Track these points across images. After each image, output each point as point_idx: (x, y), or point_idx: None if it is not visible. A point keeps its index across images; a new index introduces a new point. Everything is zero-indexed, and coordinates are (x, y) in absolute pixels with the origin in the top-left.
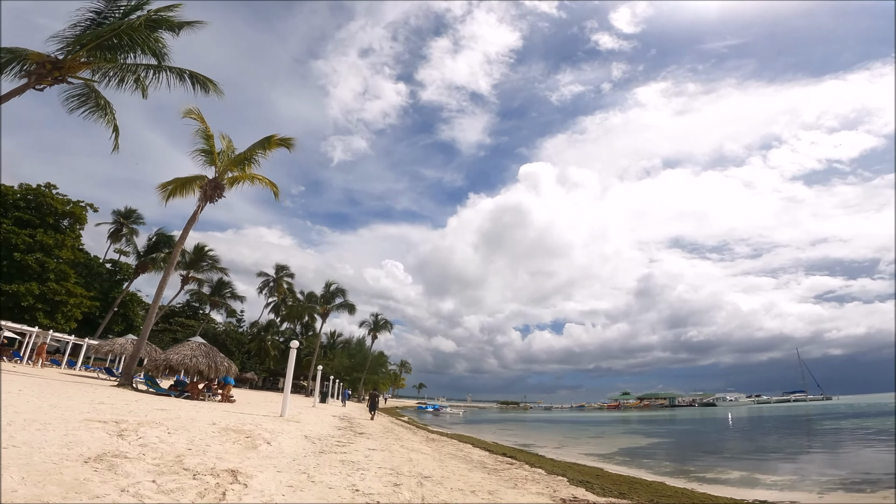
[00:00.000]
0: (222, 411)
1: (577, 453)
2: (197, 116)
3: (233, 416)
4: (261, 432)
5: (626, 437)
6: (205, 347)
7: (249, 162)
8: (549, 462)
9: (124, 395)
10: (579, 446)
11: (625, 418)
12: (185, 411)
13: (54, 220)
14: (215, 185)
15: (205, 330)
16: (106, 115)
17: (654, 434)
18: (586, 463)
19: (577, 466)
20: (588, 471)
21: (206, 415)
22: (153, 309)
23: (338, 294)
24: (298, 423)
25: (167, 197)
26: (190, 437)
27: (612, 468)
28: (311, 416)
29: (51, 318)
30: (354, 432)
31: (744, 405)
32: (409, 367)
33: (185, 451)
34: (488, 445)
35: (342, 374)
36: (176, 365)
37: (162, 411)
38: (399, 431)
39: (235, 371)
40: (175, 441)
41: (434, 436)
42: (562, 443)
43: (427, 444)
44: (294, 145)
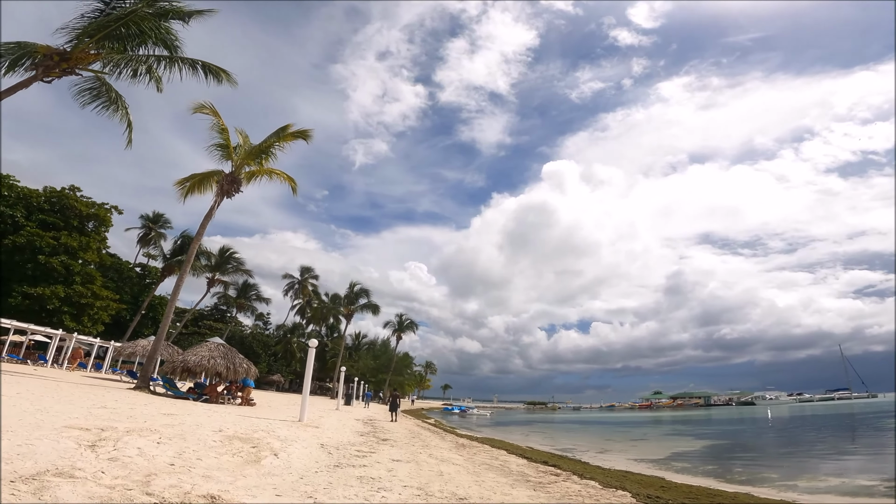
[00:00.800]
0: (237, 416)
1: (626, 459)
2: (210, 111)
3: (245, 422)
4: (271, 441)
5: (674, 440)
6: (223, 348)
7: (267, 155)
8: (599, 471)
9: (136, 399)
10: (625, 451)
11: (661, 418)
12: (193, 416)
13: (79, 222)
14: (232, 180)
15: (232, 332)
16: (119, 110)
17: (703, 435)
18: (642, 471)
19: (634, 476)
20: (649, 481)
21: (216, 420)
22: (169, 308)
23: (361, 294)
24: (317, 428)
25: (185, 194)
26: (182, 448)
27: (675, 477)
28: (332, 421)
29: (77, 321)
30: (377, 439)
31: (785, 404)
32: (434, 368)
33: (164, 468)
34: (525, 452)
35: (367, 375)
36: (193, 367)
37: (167, 416)
38: (426, 436)
39: (255, 373)
40: (159, 454)
41: (463, 441)
42: (603, 447)
43: (457, 451)
44: (311, 137)
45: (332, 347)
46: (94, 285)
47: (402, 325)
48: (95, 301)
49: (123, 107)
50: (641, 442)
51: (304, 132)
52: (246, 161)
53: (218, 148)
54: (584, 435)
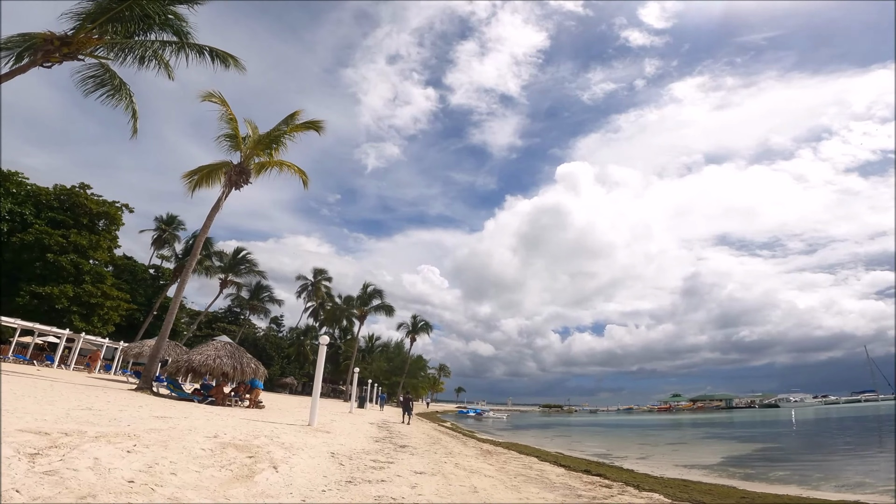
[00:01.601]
0: (240, 419)
1: (673, 465)
2: (218, 100)
3: (248, 426)
4: (272, 450)
5: (716, 443)
6: (230, 347)
7: (277, 146)
8: (654, 481)
9: (132, 400)
10: (668, 455)
11: (685, 421)
12: (190, 420)
13: (89, 220)
14: (241, 171)
15: (245, 335)
16: (124, 98)
17: (746, 438)
18: (700, 479)
19: (698, 485)
20: (721, 491)
21: (214, 424)
22: (174, 305)
23: (375, 295)
24: (328, 433)
25: (193, 187)
26: (157, 459)
27: (748, 485)
28: (344, 425)
29: (86, 322)
30: (395, 445)
31: (810, 406)
32: (447, 370)
33: (117, 486)
34: (560, 459)
35: (381, 378)
36: (198, 366)
37: (159, 419)
38: (446, 441)
39: (264, 373)
40: (122, 466)
41: (487, 446)
42: (643, 451)
43: (484, 459)
44: (323, 128)
45: (345, 350)
46: (104, 285)
47: (416, 326)
48: (105, 301)
49: (128, 95)
50: (681, 446)
51: (315, 122)
52: (255, 151)
53: (226, 138)
54: (612, 438)
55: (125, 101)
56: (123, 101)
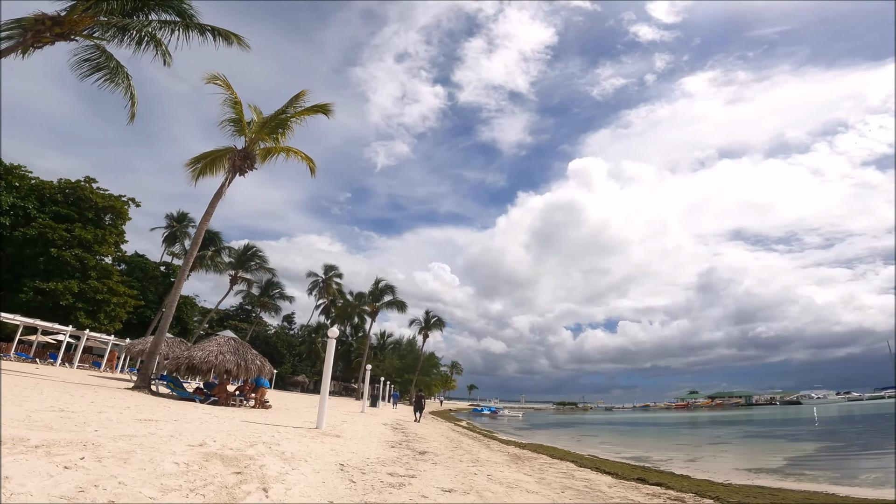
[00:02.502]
0: (240, 422)
1: (733, 469)
2: (222, 82)
3: (246, 431)
4: (267, 462)
5: (766, 443)
6: (234, 343)
7: (284, 130)
8: (731, 490)
9: (122, 401)
10: (719, 458)
11: (708, 419)
12: (180, 423)
13: (94, 214)
14: (245, 155)
15: (256, 333)
16: (122, 83)
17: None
18: (779, 486)
19: (788, 494)
20: (827, 500)
21: (206, 428)
22: (174, 296)
23: (387, 291)
24: (338, 437)
25: (197, 175)
26: (101, 477)
27: (849, 491)
28: (356, 427)
29: (93, 318)
30: (413, 452)
31: (833, 403)
32: (460, 368)
33: None
34: (601, 464)
35: (393, 375)
36: (199, 363)
37: (141, 423)
38: (469, 445)
39: (270, 371)
40: (41, 488)
41: (514, 450)
42: (685, 453)
43: (516, 466)
44: (332, 111)
45: (356, 347)
46: (110, 280)
47: (428, 322)
48: (112, 297)
49: (126, 78)
50: (725, 446)
51: (324, 106)
52: (260, 136)
53: (230, 123)
54: (642, 438)
55: (123, 84)
56: (121, 86)
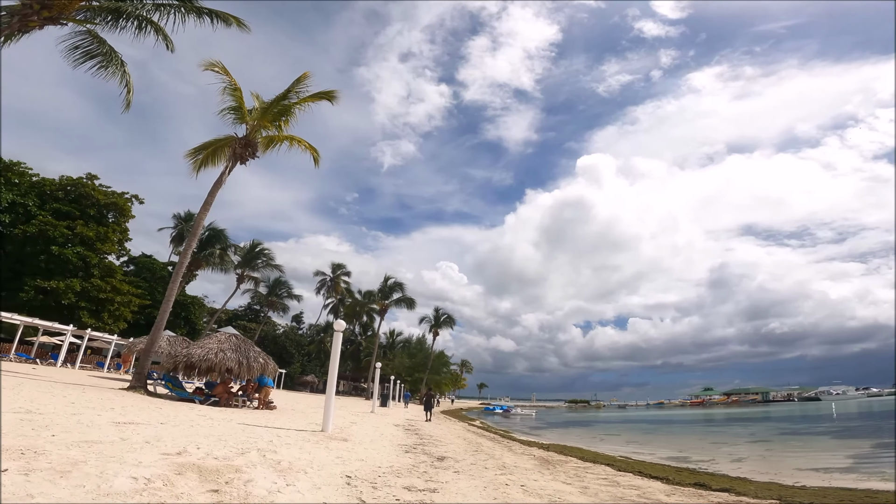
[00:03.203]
0: (237, 425)
1: (794, 469)
2: (220, 69)
3: (241, 435)
4: (257, 475)
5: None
6: (235, 340)
7: (287, 117)
8: (819, 494)
9: (109, 402)
10: (769, 458)
11: (730, 416)
12: (162, 427)
13: (96, 211)
14: (246, 143)
15: (265, 333)
16: (116, 70)
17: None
18: (875, 486)
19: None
20: None
21: (193, 433)
22: (171, 290)
23: (396, 288)
24: (345, 442)
25: (198, 167)
26: (8, 497)
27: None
28: (366, 429)
29: (96, 318)
30: (431, 457)
31: (852, 399)
32: (470, 367)
33: None
34: (642, 467)
35: (403, 374)
36: (197, 361)
37: (118, 426)
38: (489, 447)
39: (274, 369)
40: None
41: (538, 451)
42: (728, 452)
43: (549, 472)
44: (337, 98)
45: (366, 346)
46: (113, 279)
47: (438, 320)
48: (116, 296)
49: (120, 65)
50: (769, 444)
51: (329, 93)
52: (262, 123)
53: (231, 111)
54: (670, 437)
55: (118, 72)
56: (117, 74)
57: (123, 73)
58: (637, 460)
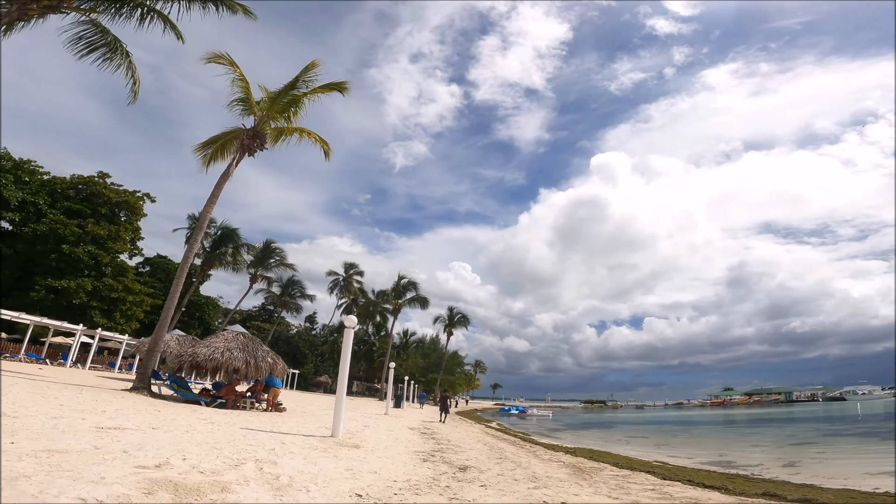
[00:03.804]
0: (238, 429)
1: (864, 474)
2: (227, 61)
3: (240, 443)
4: (245, 494)
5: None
6: (243, 338)
7: (296, 108)
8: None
9: (103, 404)
10: (826, 462)
11: (755, 416)
12: (151, 434)
13: (108, 210)
14: (254, 134)
15: (278, 333)
16: (122, 62)
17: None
18: None
19: None
20: None
21: (188, 439)
22: (178, 282)
23: (409, 288)
24: (357, 448)
25: (208, 161)
26: None
27: None
28: (379, 433)
29: (108, 318)
30: (452, 466)
31: (879, 399)
32: (483, 367)
33: None
34: (689, 474)
35: (416, 374)
36: (203, 361)
37: (98, 432)
38: (513, 453)
39: (284, 369)
40: None
41: (566, 457)
42: (775, 455)
43: (585, 482)
44: (348, 89)
45: (379, 346)
46: (125, 278)
47: (452, 319)
48: (128, 296)
49: (125, 56)
50: (817, 447)
51: (339, 84)
52: (271, 113)
53: (238, 103)
54: (703, 439)
55: (123, 63)
56: (122, 65)
57: (129, 65)
58: (678, 466)
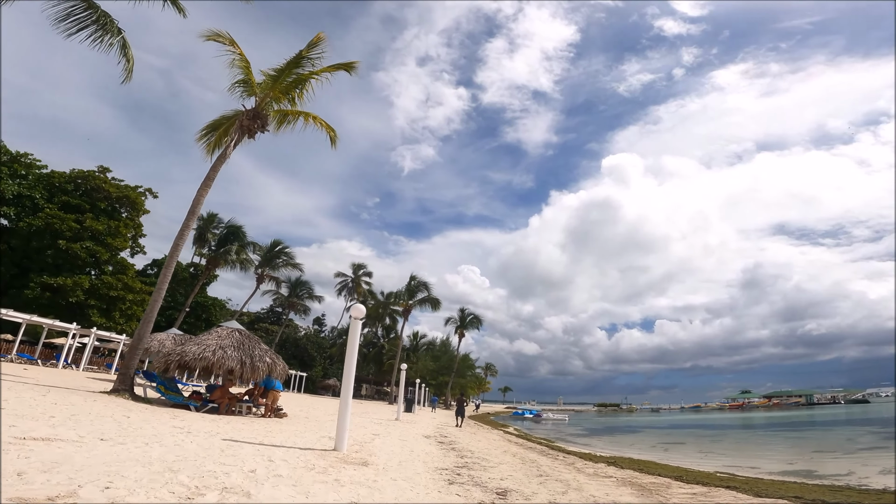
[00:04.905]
0: (220, 441)
1: None
2: (226, 40)
3: (212, 461)
4: None
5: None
6: (239, 336)
7: (301, 90)
8: None
9: (69, 408)
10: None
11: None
12: (101, 446)
13: (108, 205)
14: (254, 115)
15: (286, 335)
16: (114, 40)
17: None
18: None
19: None
20: None
21: (140, 456)
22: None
23: (421, 288)
24: (365, 466)
25: (210, 149)
26: None
27: None
28: (391, 443)
29: (106, 317)
30: (486, 490)
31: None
32: (494, 370)
33: None
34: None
35: (427, 377)
36: (192, 361)
37: (14, 443)
38: (549, 466)
39: (284, 370)
40: None
41: (612, 469)
42: (862, 463)
43: None
44: (356, 69)
45: (388, 349)
46: (126, 276)
47: (464, 321)
48: (128, 294)
49: (117, 33)
50: (876, 453)
51: (348, 64)
52: (273, 94)
53: (239, 84)
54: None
55: (116, 41)
56: (115, 44)
57: (122, 43)
58: (755, 478)
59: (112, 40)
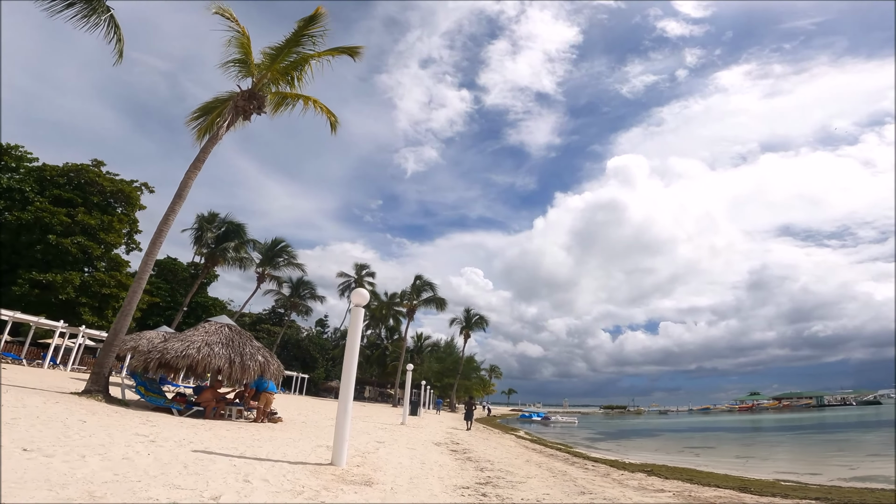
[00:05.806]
0: (189, 453)
1: None
2: (229, 15)
3: (156, 487)
4: None
5: None
6: (228, 332)
7: (301, 72)
8: None
9: (24, 410)
10: None
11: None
12: (28, 462)
13: (102, 199)
14: (250, 95)
15: (288, 336)
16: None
17: None
18: None
19: None
20: None
21: (60, 470)
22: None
23: (426, 288)
24: (368, 486)
25: (202, 133)
26: None
27: None
28: (398, 452)
29: (99, 315)
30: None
31: None
32: (499, 372)
33: None
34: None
35: (431, 379)
36: (173, 359)
37: None
38: (583, 479)
39: (278, 370)
40: None
41: (657, 481)
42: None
43: None
44: (361, 54)
45: (392, 350)
46: (119, 273)
47: (469, 321)
48: (122, 292)
49: (105, 10)
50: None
51: (352, 48)
52: (271, 74)
53: (236, 64)
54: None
55: (104, 20)
56: (103, 23)
57: (111, 21)
58: (842, 487)
59: (99, 19)
